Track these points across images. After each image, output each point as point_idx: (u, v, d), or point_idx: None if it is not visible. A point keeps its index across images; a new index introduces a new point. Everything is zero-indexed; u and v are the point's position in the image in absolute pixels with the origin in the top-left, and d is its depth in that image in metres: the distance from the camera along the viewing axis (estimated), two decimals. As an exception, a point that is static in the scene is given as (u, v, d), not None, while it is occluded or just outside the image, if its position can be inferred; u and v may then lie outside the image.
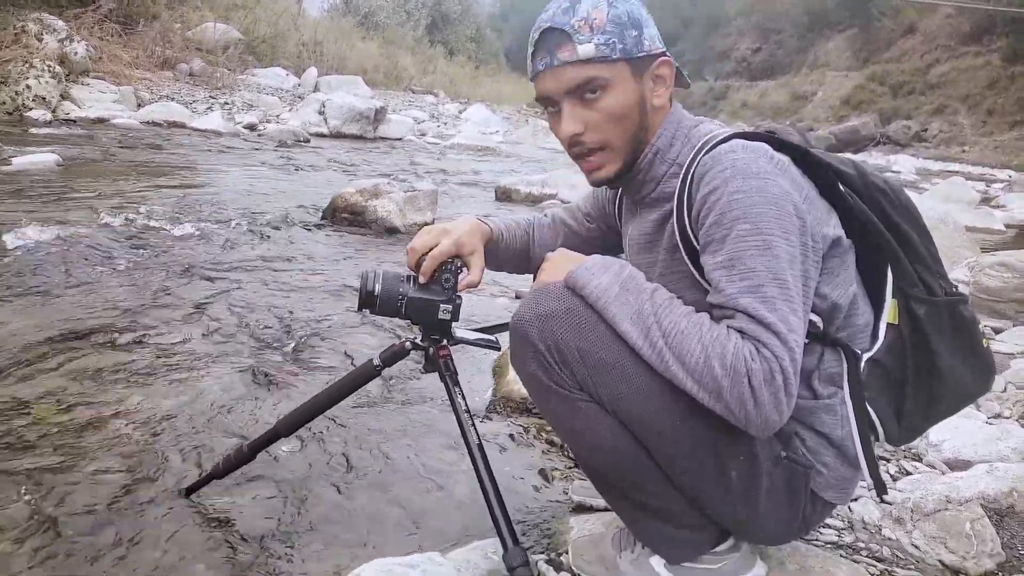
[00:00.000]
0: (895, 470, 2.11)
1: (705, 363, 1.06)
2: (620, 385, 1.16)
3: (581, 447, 1.26)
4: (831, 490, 1.25)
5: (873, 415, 1.23)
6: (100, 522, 1.60)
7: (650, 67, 1.24)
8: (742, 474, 1.20)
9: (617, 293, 1.16)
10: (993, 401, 2.67)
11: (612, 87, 1.22)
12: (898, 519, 1.76)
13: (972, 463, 2.06)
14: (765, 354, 1.04)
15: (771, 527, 1.27)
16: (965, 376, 1.28)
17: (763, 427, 1.05)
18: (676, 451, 1.18)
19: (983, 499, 1.78)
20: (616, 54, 1.20)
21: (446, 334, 1.50)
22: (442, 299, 1.43)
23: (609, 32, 1.19)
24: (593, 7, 1.20)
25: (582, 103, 1.23)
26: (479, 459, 1.39)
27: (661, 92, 1.27)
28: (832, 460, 1.24)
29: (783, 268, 1.08)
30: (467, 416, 1.43)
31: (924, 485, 1.86)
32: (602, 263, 1.21)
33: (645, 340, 1.12)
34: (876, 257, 1.24)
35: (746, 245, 1.08)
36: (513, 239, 1.62)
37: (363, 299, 1.42)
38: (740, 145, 1.16)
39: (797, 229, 1.11)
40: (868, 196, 1.24)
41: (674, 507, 1.26)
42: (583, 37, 1.19)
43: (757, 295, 1.07)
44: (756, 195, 1.10)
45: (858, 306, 1.24)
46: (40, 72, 9.31)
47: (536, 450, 2.12)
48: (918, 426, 1.29)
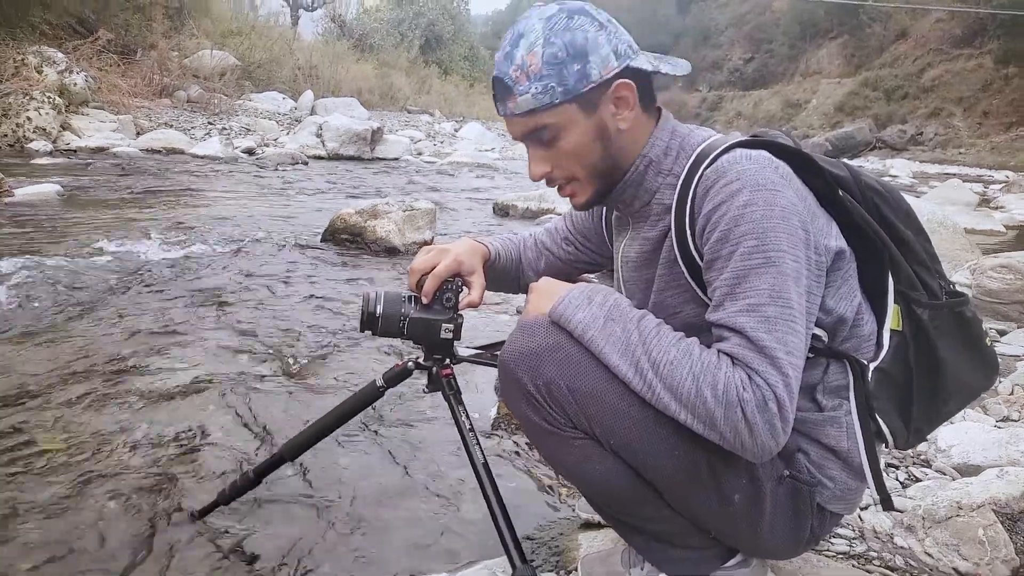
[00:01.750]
0: (904, 477, 2.09)
1: (697, 393, 1.04)
2: (613, 419, 1.14)
3: (579, 483, 1.25)
4: (838, 502, 1.24)
5: (883, 424, 1.21)
6: (111, 547, 1.60)
7: (605, 94, 1.19)
8: (745, 497, 1.18)
9: (602, 325, 1.14)
10: (1001, 404, 2.66)
11: (563, 130, 1.19)
12: (910, 527, 1.74)
13: (982, 468, 2.04)
14: (757, 381, 1.02)
15: (779, 544, 1.26)
16: (970, 375, 1.27)
17: (759, 454, 1.04)
18: (676, 480, 1.17)
19: (995, 504, 1.76)
20: (558, 98, 1.16)
21: (449, 353, 1.49)
22: (444, 318, 1.43)
23: (546, 76, 1.15)
24: (528, 51, 1.15)
25: (542, 146, 1.23)
26: (485, 478, 1.38)
27: (625, 114, 1.21)
28: (838, 473, 1.22)
29: (787, 286, 1.06)
30: (472, 435, 1.42)
31: (935, 492, 1.85)
32: (586, 294, 1.19)
33: (635, 373, 1.10)
34: (876, 263, 1.22)
35: (752, 262, 1.06)
36: (508, 259, 1.61)
37: (365, 320, 1.42)
38: (743, 155, 1.13)
39: (803, 242, 1.09)
40: (864, 198, 1.22)
41: (678, 530, 1.24)
42: (521, 88, 1.17)
43: (757, 315, 1.05)
44: (764, 208, 1.07)
45: (863, 316, 1.22)
46: (40, 104, 9.38)
47: (542, 467, 2.10)
48: (925, 428, 1.28)
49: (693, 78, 51.10)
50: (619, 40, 1.19)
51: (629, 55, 1.20)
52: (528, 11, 1.20)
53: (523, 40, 1.17)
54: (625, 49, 1.19)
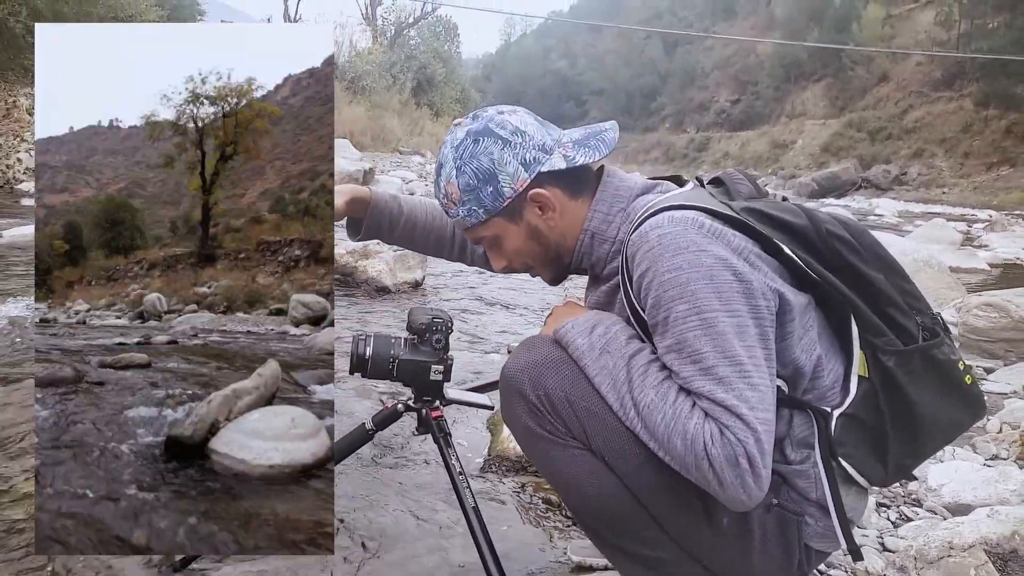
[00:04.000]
0: (896, 516, 2.09)
1: (668, 440, 1.07)
2: (608, 434, 1.17)
3: (574, 496, 1.25)
4: (820, 540, 1.24)
5: (850, 469, 1.19)
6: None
7: (525, 202, 1.26)
8: (733, 521, 1.19)
9: (597, 356, 1.18)
10: (990, 443, 2.66)
11: (499, 237, 1.31)
12: (902, 567, 1.74)
13: (972, 507, 2.04)
14: (728, 437, 1.03)
15: (768, 573, 1.25)
16: (950, 414, 1.26)
17: (732, 505, 1.06)
18: (665, 496, 1.18)
19: (986, 544, 1.76)
20: (482, 217, 1.27)
21: (438, 395, 1.49)
22: (433, 360, 1.43)
23: (467, 201, 1.26)
24: (447, 182, 1.28)
25: (491, 248, 1.36)
26: (475, 522, 1.37)
27: (550, 214, 1.28)
28: (816, 512, 1.22)
29: (731, 344, 1.06)
30: (462, 478, 1.42)
31: (926, 531, 1.84)
32: (591, 322, 1.23)
33: (620, 407, 1.15)
34: (838, 310, 1.21)
35: (687, 326, 1.08)
36: (389, 209, 1.62)
37: (355, 363, 1.43)
38: (667, 219, 1.13)
39: (740, 294, 1.08)
40: (825, 246, 1.20)
41: (670, 559, 1.24)
42: (452, 212, 1.31)
43: (710, 377, 1.06)
44: (689, 271, 1.08)
45: (823, 366, 1.20)
46: (31, 145, 9.43)
47: (533, 509, 2.09)
48: (910, 463, 1.28)
49: (680, 119, 51.99)
50: (527, 150, 1.23)
51: (541, 161, 1.24)
52: (449, 131, 1.30)
53: (443, 170, 1.29)
54: (535, 156, 1.23)
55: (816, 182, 26.41)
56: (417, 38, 36.23)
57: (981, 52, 27.72)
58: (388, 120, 25.38)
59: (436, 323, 1.43)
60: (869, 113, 34.12)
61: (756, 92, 46.24)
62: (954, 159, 28.33)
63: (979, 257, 8.81)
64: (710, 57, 52.61)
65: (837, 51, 35.55)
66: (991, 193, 24.20)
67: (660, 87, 55.62)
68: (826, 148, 33.48)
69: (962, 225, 13.61)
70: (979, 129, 28.34)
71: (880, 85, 35.96)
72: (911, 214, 18.04)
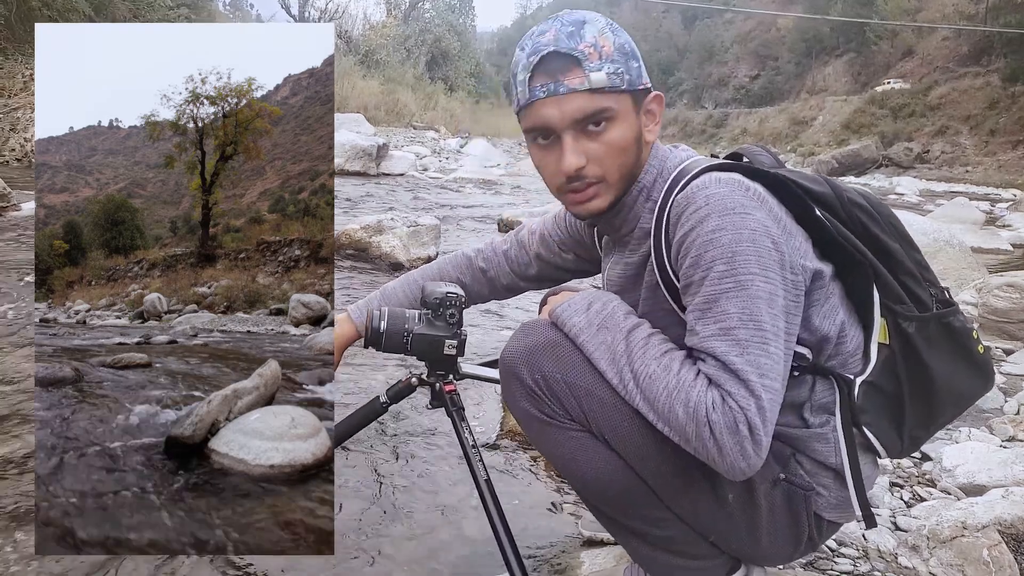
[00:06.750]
0: (909, 496, 2.08)
1: (670, 409, 1.06)
2: (608, 413, 1.17)
3: (578, 479, 1.25)
4: (834, 511, 1.24)
5: (871, 437, 1.22)
6: None
7: (645, 101, 1.21)
8: (739, 496, 1.20)
9: (595, 332, 1.18)
10: (1007, 424, 2.64)
11: (617, 119, 1.16)
12: (914, 547, 1.73)
13: (987, 488, 2.03)
14: (730, 404, 1.02)
15: (777, 548, 1.26)
16: (963, 383, 1.27)
17: (732, 473, 1.05)
18: (668, 474, 1.19)
19: (1000, 524, 1.75)
20: (624, 85, 1.15)
21: (452, 369, 1.50)
22: (447, 335, 1.44)
23: (617, 61, 1.14)
24: (599, 34, 1.14)
25: (585, 135, 1.16)
26: (487, 494, 1.38)
27: (652, 128, 1.23)
28: (831, 482, 1.23)
29: (760, 308, 1.05)
30: (475, 451, 1.43)
31: (939, 511, 1.84)
32: (587, 300, 1.23)
33: (619, 381, 1.14)
34: (861, 278, 1.21)
35: (722, 287, 1.07)
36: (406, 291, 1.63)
37: (369, 337, 1.43)
38: (713, 179, 1.13)
39: (776, 263, 1.08)
40: (847, 214, 1.21)
41: (679, 536, 1.25)
42: (593, 65, 1.12)
43: (728, 339, 1.05)
44: (733, 232, 1.07)
45: (847, 332, 1.21)
46: (49, 118, 9.49)
47: (545, 483, 2.10)
48: (922, 435, 1.28)
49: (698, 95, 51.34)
50: None
51: None
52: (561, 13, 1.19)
53: (588, 25, 1.15)
54: None
55: (836, 160, 26.06)
56: (432, 11, 35.95)
57: (1010, 26, 27.08)
58: (402, 94, 25.28)
59: (450, 298, 1.43)
60: (892, 88, 33.50)
61: (776, 67, 45.54)
62: (979, 137, 27.79)
63: (1002, 237, 8.70)
64: (729, 31, 51.79)
65: (860, 25, 34.88)
66: (1016, 172, 23.76)
67: (678, 62, 54.88)
68: (847, 125, 32.91)
69: (985, 205, 13.41)
70: (1006, 106, 27.73)
71: (904, 60, 35.27)
72: (933, 193, 17.79)
